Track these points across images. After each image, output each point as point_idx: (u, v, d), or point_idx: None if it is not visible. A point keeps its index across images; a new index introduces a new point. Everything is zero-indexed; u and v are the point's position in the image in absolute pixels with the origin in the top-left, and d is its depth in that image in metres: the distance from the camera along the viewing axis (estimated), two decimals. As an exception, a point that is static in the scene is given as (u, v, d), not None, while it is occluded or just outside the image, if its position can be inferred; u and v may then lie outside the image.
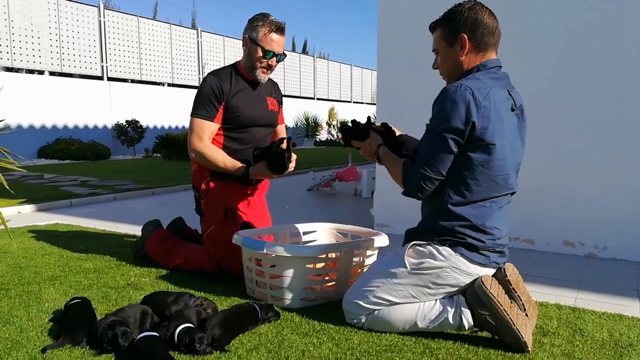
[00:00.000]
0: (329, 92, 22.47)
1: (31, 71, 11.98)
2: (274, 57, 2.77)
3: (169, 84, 15.04)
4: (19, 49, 11.47)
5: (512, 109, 1.97)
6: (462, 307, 1.93)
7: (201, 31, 16.04)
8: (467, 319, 1.92)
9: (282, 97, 3.10)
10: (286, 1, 58.43)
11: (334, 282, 2.36)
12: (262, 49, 2.72)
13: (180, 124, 14.76)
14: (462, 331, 1.98)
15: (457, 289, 1.97)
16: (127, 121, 12.89)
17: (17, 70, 11.82)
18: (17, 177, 7.55)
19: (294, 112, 19.04)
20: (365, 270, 2.39)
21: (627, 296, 2.56)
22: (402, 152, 2.23)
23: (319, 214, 5.01)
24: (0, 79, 10.86)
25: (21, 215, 4.77)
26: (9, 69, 11.62)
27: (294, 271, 2.25)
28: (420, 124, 2.10)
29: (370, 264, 2.41)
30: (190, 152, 2.76)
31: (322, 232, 2.85)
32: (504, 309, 1.85)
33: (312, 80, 21.32)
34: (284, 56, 2.83)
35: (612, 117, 3.27)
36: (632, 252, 3.25)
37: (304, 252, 2.35)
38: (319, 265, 2.39)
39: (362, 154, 2.29)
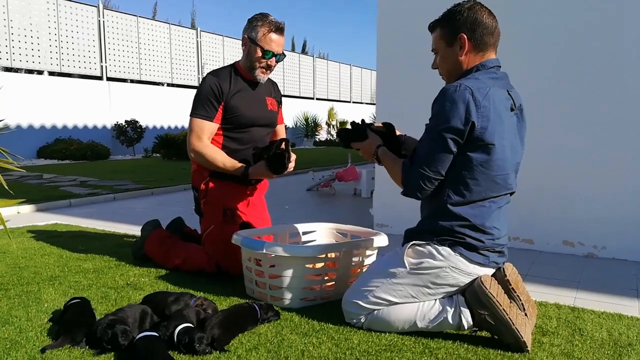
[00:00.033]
0: (328, 92, 22.47)
1: (30, 71, 11.97)
2: (273, 57, 2.77)
3: (169, 84, 15.04)
4: (18, 49, 11.46)
5: (512, 109, 1.97)
6: (461, 307, 1.93)
7: (200, 31, 16.03)
8: (467, 318, 1.92)
9: (281, 97, 3.10)
10: (286, 1, 58.48)
11: (334, 282, 2.36)
12: (262, 49, 2.72)
13: (179, 124, 14.76)
14: (461, 331, 1.98)
15: (457, 289, 1.97)
16: (126, 121, 12.89)
17: (17, 70, 11.81)
18: (17, 177, 7.55)
19: (293, 112, 19.03)
20: (364, 270, 2.39)
21: (626, 296, 2.56)
22: (402, 152, 2.23)
23: (318, 214, 5.01)
24: (-1, 79, 10.89)
25: (20, 215, 4.77)
26: (8, 69, 11.61)
27: (293, 271, 2.25)
28: (420, 124, 2.09)
29: (369, 264, 2.41)
30: (189, 152, 2.76)
31: (321, 232, 2.85)
32: (504, 309, 1.85)
33: (312, 80, 21.32)
34: (284, 56, 2.83)
35: (612, 117, 3.27)
36: (631, 252, 3.25)
37: (304, 252, 2.35)
38: (319, 265, 2.38)
39: (362, 155, 2.29)
